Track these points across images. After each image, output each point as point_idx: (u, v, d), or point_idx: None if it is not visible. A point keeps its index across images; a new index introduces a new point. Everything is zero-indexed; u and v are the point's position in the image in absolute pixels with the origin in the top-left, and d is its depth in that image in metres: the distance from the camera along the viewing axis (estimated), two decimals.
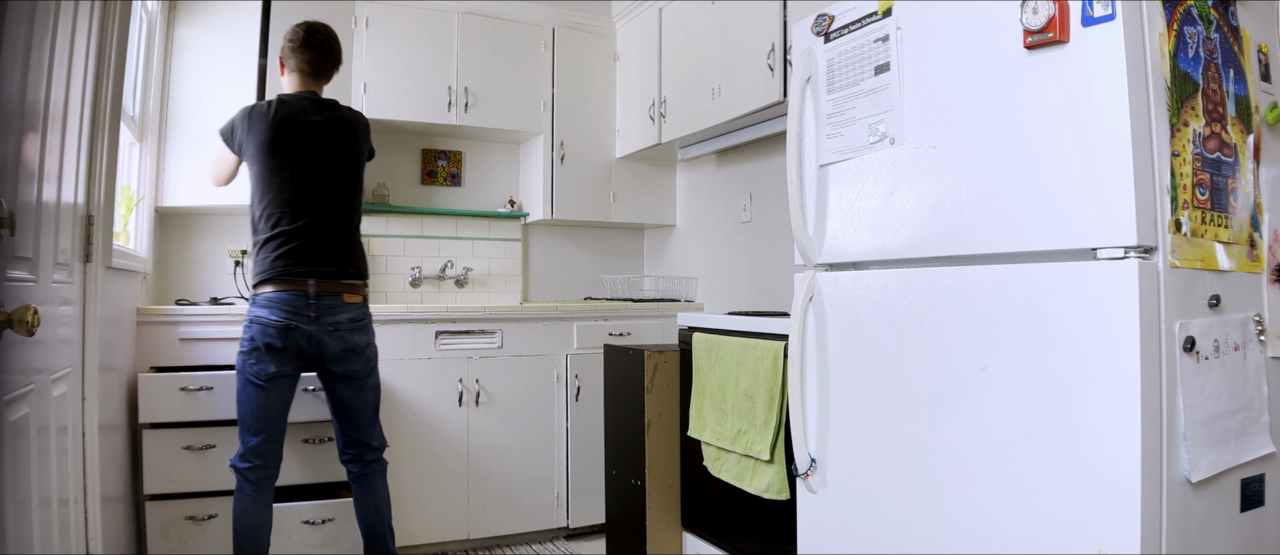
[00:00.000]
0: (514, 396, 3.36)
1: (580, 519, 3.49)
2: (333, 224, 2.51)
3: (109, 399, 2.27)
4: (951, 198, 1.61)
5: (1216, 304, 1.46)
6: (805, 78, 1.99)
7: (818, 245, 1.96)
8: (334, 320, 2.46)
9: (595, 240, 4.33)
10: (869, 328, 1.80)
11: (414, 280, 3.88)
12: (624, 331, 3.58)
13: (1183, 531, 1.36)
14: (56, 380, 1.63)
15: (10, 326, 1.14)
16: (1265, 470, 1.54)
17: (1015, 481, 1.48)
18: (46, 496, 1.53)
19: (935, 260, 1.67)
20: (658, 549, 2.82)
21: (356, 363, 2.53)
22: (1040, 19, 1.43)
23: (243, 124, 2.51)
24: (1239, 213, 1.53)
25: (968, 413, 1.57)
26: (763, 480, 2.31)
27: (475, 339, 3.30)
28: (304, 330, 2.42)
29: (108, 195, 2.07)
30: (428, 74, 3.60)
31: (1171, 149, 1.39)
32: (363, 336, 2.55)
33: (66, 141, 1.64)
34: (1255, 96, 1.60)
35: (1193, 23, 1.46)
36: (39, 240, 1.43)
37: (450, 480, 3.24)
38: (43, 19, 1.37)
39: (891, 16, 1.76)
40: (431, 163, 3.99)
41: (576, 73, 3.92)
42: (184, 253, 3.41)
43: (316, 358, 2.48)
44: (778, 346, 2.27)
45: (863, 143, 1.82)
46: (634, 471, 2.89)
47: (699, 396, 2.64)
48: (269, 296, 2.42)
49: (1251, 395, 1.51)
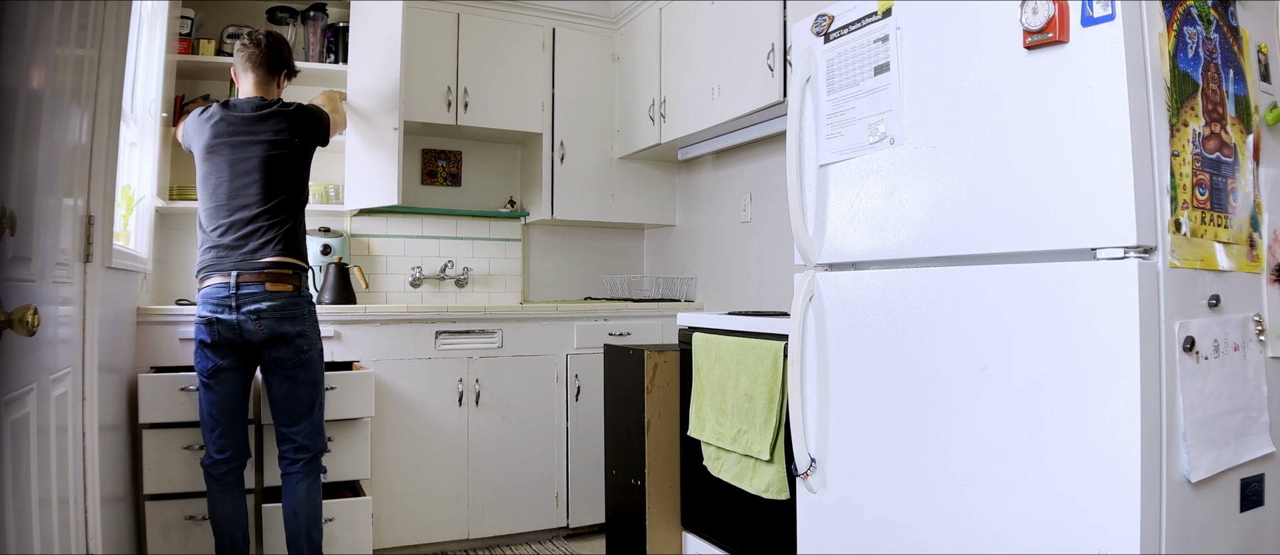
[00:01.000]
0: (514, 396, 3.36)
1: (580, 519, 3.49)
2: (260, 215, 2.50)
3: (109, 399, 2.27)
4: (951, 197, 1.61)
5: (1216, 304, 1.46)
6: (805, 78, 1.99)
7: (818, 245, 1.96)
8: (256, 308, 2.45)
9: (595, 240, 4.33)
10: (869, 328, 1.80)
11: (414, 280, 3.88)
12: (624, 331, 3.58)
13: (1182, 531, 1.36)
14: (57, 380, 1.63)
15: (10, 326, 1.14)
16: (1265, 470, 1.54)
17: (1015, 481, 1.48)
18: (47, 496, 1.53)
19: (935, 260, 1.67)
20: (658, 549, 2.82)
21: (284, 351, 2.50)
22: (1040, 19, 1.43)
23: (193, 128, 2.59)
24: (1239, 213, 1.53)
25: (967, 413, 1.57)
26: (762, 480, 2.31)
27: (475, 339, 3.30)
28: (225, 320, 2.44)
29: (108, 195, 2.07)
30: (427, 74, 3.60)
31: (1171, 149, 1.40)
32: (293, 326, 2.50)
33: (66, 141, 1.64)
34: (1255, 96, 1.60)
35: (1192, 23, 1.46)
36: (39, 240, 1.43)
37: (450, 480, 3.24)
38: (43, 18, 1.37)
39: (891, 17, 1.76)
40: (431, 163, 3.99)
41: (576, 73, 3.92)
42: (184, 253, 3.41)
43: (247, 346, 2.48)
44: (778, 346, 2.27)
45: (862, 143, 1.82)
46: (634, 471, 2.89)
47: (699, 396, 2.64)
48: (201, 293, 2.49)
49: (1251, 395, 1.51)
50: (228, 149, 2.52)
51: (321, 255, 3.46)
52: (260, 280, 2.46)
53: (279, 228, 2.53)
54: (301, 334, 2.53)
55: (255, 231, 2.49)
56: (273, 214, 2.53)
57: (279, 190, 2.55)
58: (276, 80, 2.69)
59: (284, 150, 2.57)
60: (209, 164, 2.53)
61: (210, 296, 2.46)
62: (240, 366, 2.51)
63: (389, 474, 3.12)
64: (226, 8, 3.47)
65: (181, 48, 3.23)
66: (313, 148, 2.68)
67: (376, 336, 3.13)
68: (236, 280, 2.45)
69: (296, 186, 2.61)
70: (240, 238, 2.48)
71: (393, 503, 3.13)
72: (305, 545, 2.56)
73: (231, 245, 2.48)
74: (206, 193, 2.53)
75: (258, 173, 2.52)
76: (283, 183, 2.56)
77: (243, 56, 2.64)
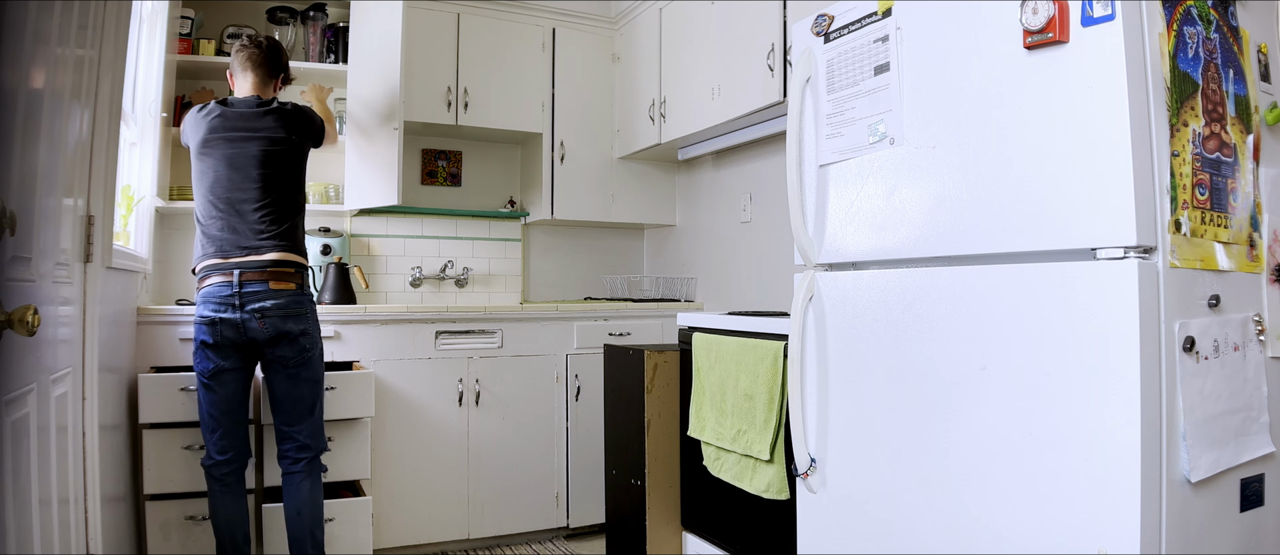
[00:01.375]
0: (514, 396, 3.36)
1: (580, 519, 3.49)
2: (259, 211, 2.50)
3: (109, 399, 2.27)
4: (951, 197, 1.61)
5: (1216, 304, 1.46)
6: (805, 78, 1.99)
7: (817, 245, 1.96)
8: (259, 306, 2.44)
9: (595, 240, 4.33)
10: (869, 328, 1.80)
11: (414, 280, 3.88)
12: (624, 331, 3.58)
13: (1182, 531, 1.36)
14: (57, 380, 1.63)
15: (10, 326, 1.14)
16: (1265, 470, 1.54)
17: (1015, 481, 1.48)
18: (47, 496, 1.53)
19: (935, 260, 1.67)
20: (658, 549, 2.82)
21: (287, 349, 2.50)
22: (1040, 19, 1.43)
23: (190, 125, 2.59)
24: (1238, 213, 1.53)
25: (967, 413, 1.57)
26: (763, 480, 2.31)
27: (475, 339, 3.30)
28: (229, 320, 2.43)
29: (108, 195, 2.07)
30: (427, 74, 3.60)
31: (1171, 149, 1.40)
32: (297, 324, 2.50)
33: (67, 141, 1.64)
34: (1255, 96, 1.60)
35: (1192, 23, 1.46)
36: (39, 240, 1.43)
37: (450, 480, 3.24)
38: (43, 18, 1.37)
39: (891, 17, 1.76)
40: (431, 163, 3.99)
41: (576, 73, 3.92)
42: (184, 253, 3.41)
43: (250, 345, 2.47)
44: (778, 346, 2.27)
45: (862, 143, 1.82)
46: (634, 471, 2.89)
47: (699, 396, 2.64)
48: (201, 292, 2.48)
49: (1251, 395, 1.51)
50: (225, 145, 2.52)
51: (321, 255, 3.46)
52: (263, 278, 2.46)
53: (279, 225, 2.53)
54: (305, 332, 2.53)
55: (255, 228, 2.49)
56: (272, 211, 2.52)
57: (277, 187, 2.55)
58: (273, 83, 2.70)
59: (282, 147, 2.57)
60: (206, 160, 2.53)
61: (212, 296, 2.45)
62: (241, 367, 2.50)
63: (389, 474, 3.12)
64: (226, 8, 3.47)
65: (181, 48, 3.23)
66: (308, 147, 2.69)
67: (376, 336, 3.13)
68: (239, 278, 2.44)
69: (294, 184, 2.62)
70: (241, 235, 2.48)
71: (393, 503, 3.13)
72: (309, 545, 2.56)
73: (232, 242, 2.47)
74: (204, 189, 2.52)
75: (256, 169, 2.52)
76: (281, 179, 2.56)
77: (242, 57, 2.65)
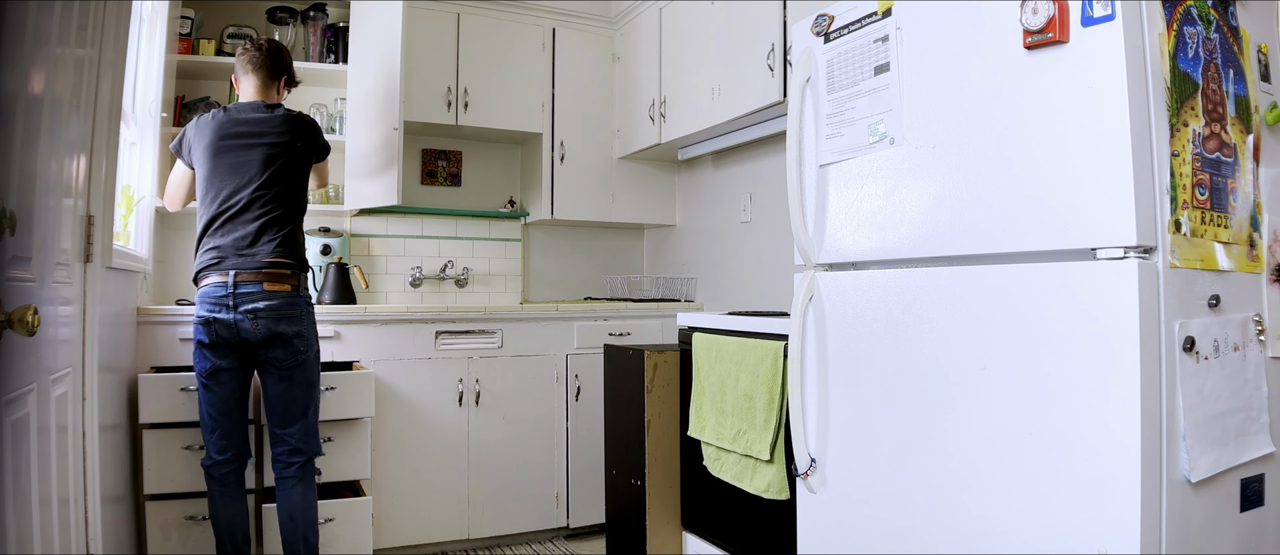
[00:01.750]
0: (514, 396, 3.36)
1: (580, 519, 3.49)
2: (259, 214, 2.50)
3: (109, 399, 2.27)
4: (951, 197, 1.61)
5: (1216, 304, 1.46)
6: (805, 78, 1.99)
7: (818, 245, 1.96)
8: (253, 307, 2.44)
9: (595, 240, 4.33)
10: (869, 328, 1.80)
11: (414, 280, 3.88)
12: (624, 331, 3.58)
13: (1182, 531, 1.36)
14: (57, 380, 1.63)
15: (10, 326, 1.14)
16: (1265, 470, 1.54)
17: (1015, 481, 1.48)
18: (47, 496, 1.53)
19: (935, 260, 1.67)
20: (658, 549, 2.82)
21: (280, 351, 2.49)
22: (1040, 19, 1.43)
23: (193, 132, 2.59)
24: (1239, 213, 1.53)
25: (968, 413, 1.57)
26: (763, 480, 2.31)
27: (475, 339, 3.30)
28: (223, 320, 2.44)
29: (108, 195, 2.07)
30: (427, 74, 3.60)
31: (1171, 149, 1.40)
32: (290, 326, 2.50)
33: (67, 141, 1.64)
34: (1255, 96, 1.60)
35: (1192, 23, 1.46)
36: (39, 240, 1.43)
37: (450, 480, 3.24)
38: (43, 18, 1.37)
39: (891, 16, 1.76)
40: (431, 163, 3.99)
41: (576, 73, 3.92)
42: (184, 253, 3.41)
43: (244, 346, 2.48)
44: (778, 346, 2.27)
45: (862, 143, 1.82)
46: (634, 471, 2.89)
47: (699, 396, 2.64)
48: (199, 293, 2.49)
49: (1251, 395, 1.51)
50: (229, 149, 2.52)
51: (321, 255, 3.46)
52: (258, 279, 2.46)
53: (277, 227, 2.53)
54: (299, 334, 2.53)
55: (254, 230, 2.49)
56: (272, 214, 2.52)
57: (279, 190, 2.55)
58: (277, 85, 2.70)
59: (285, 152, 2.57)
60: (211, 164, 2.53)
61: (208, 295, 2.46)
62: (239, 367, 2.50)
63: (389, 474, 3.12)
64: (226, 8, 3.47)
65: (181, 48, 3.23)
66: (313, 158, 2.69)
67: (376, 336, 3.13)
68: (234, 279, 2.44)
69: (296, 189, 2.61)
70: (239, 236, 2.48)
71: (393, 503, 3.13)
72: (302, 549, 2.55)
73: (229, 244, 2.48)
74: (207, 192, 2.53)
75: (259, 173, 2.52)
76: (283, 184, 2.56)
77: (245, 59, 2.65)
